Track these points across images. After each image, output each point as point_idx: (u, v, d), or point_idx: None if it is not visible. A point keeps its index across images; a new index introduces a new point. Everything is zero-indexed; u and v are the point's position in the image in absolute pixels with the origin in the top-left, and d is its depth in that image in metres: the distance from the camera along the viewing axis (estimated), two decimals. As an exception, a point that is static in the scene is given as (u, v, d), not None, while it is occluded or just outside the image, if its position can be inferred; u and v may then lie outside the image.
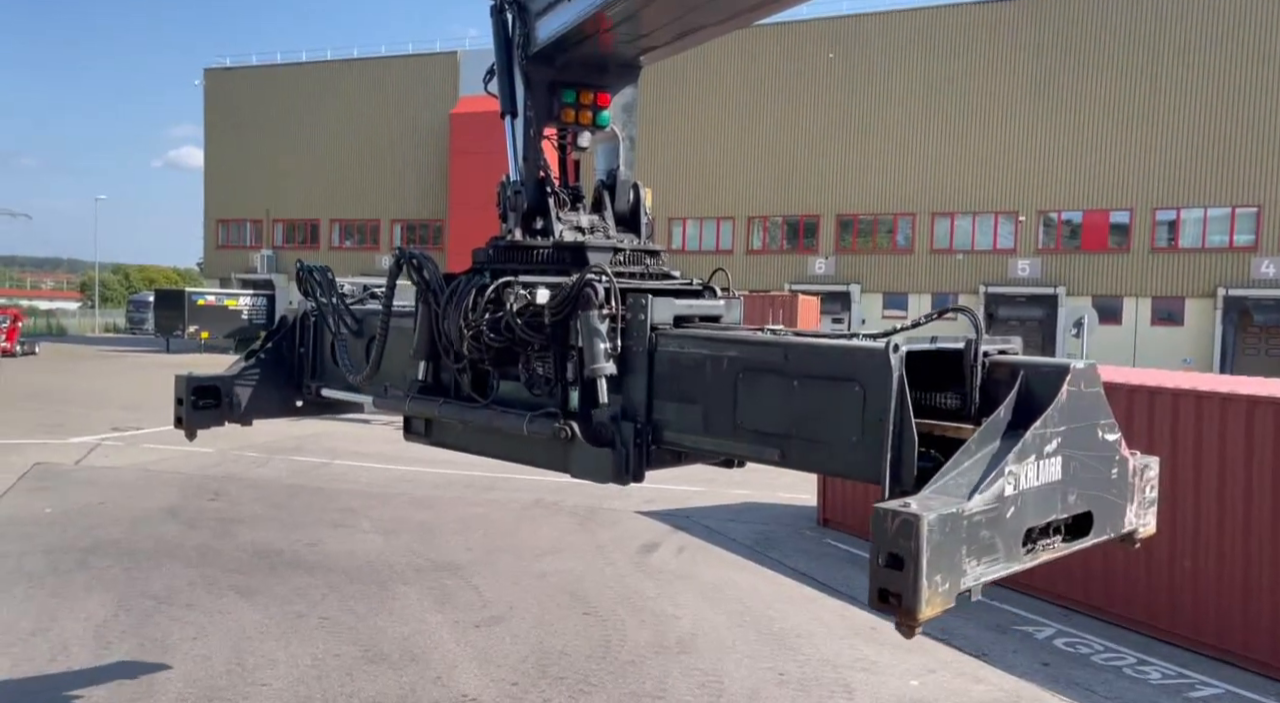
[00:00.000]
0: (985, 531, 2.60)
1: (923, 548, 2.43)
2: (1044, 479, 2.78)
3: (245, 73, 56.41)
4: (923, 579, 2.46)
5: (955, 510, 2.52)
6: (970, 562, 2.58)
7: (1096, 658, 9.28)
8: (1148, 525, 3.24)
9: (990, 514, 2.61)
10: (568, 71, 4.32)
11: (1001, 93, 38.95)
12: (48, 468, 16.90)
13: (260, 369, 5.44)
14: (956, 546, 2.53)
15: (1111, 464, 3.02)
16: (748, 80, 43.29)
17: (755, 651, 9.04)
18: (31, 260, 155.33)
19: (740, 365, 3.35)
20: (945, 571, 2.51)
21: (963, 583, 2.58)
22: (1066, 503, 2.87)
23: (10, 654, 8.28)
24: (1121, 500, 3.08)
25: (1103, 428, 2.99)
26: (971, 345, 3.07)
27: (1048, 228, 39.63)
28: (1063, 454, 2.81)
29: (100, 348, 53.81)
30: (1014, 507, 2.68)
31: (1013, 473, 2.66)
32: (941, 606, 2.53)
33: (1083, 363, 2.94)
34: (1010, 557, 2.70)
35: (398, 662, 8.46)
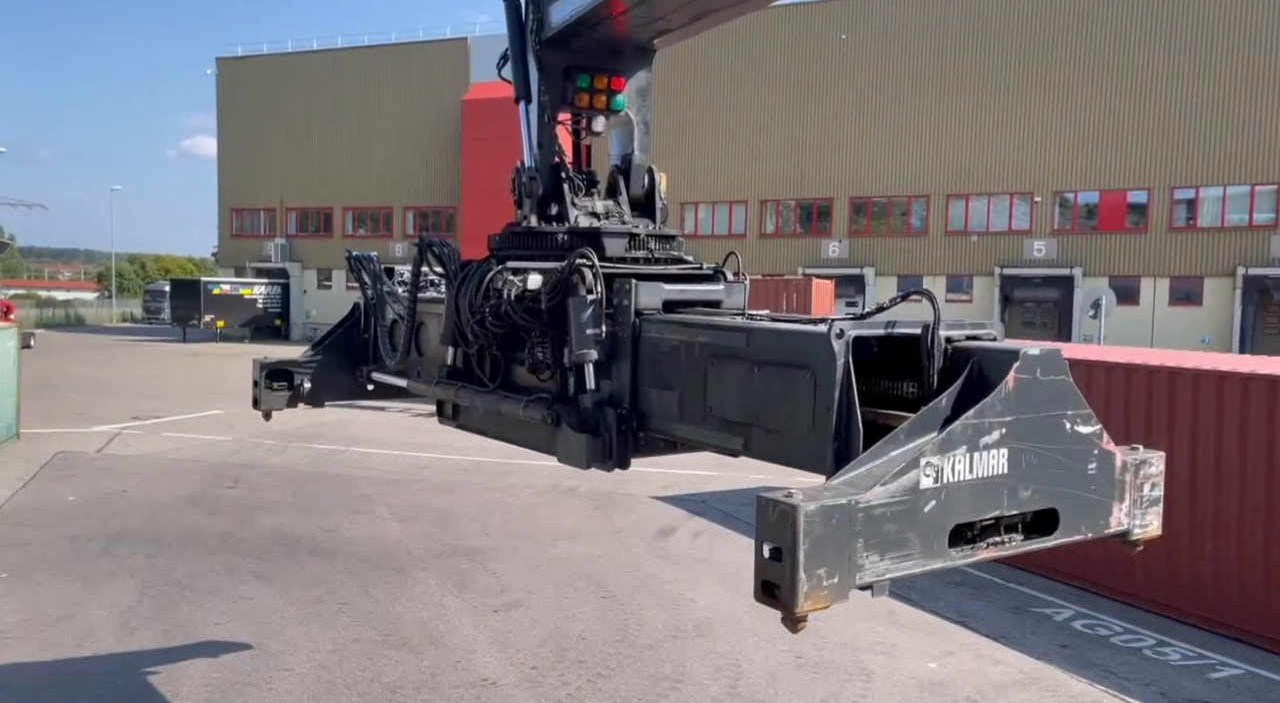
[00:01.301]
0: (891, 524, 2.46)
1: (800, 541, 2.33)
2: (981, 473, 2.60)
3: (257, 61, 56.45)
4: (800, 572, 2.36)
5: (845, 502, 2.39)
6: (870, 556, 2.45)
7: (1115, 640, 9.26)
8: (1148, 526, 3.05)
9: (899, 507, 2.47)
10: (581, 56, 4.30)
11: (1016, 72, 38.53)
12: (70, 456, 17.09)
13: (330, 354, 5.60)
14: (849, 539, 2.40)
15: (1087, 459, 2.83)
16: (760, 63, 42.99)
17: (773, 634, 9.07)
18: (49, 251, 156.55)
19: (710, 352, 3.29)
20: (832, 564, 2.39)
21: (860, 578, 2.46)
22: (1018, 499, 2.70)
23: (37, 640, 8.41)
24: (1105, 498, 2.90)
25: (1072, 419, 2.79)
26: (928, 330, 2.90)
27: (1063, 208, 39.27)
28: (1010, 447, 2.64)
29: (118, 337, 54.24)
30: (935, 501, 2.53)
31: (933, 465, 2.51)
32: (829, 600, 2.43)
33: (1038, 349, 2.75)
34: (931, 553, 2.54)
35: (418, 646, 8.54)
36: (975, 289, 40.34)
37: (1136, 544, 3.11)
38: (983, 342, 2.89)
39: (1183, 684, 8.24)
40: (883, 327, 3.01)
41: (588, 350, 3.58)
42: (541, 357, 3.93)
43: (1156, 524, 3.10)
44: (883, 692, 7.84)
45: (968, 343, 2.88)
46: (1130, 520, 3.01)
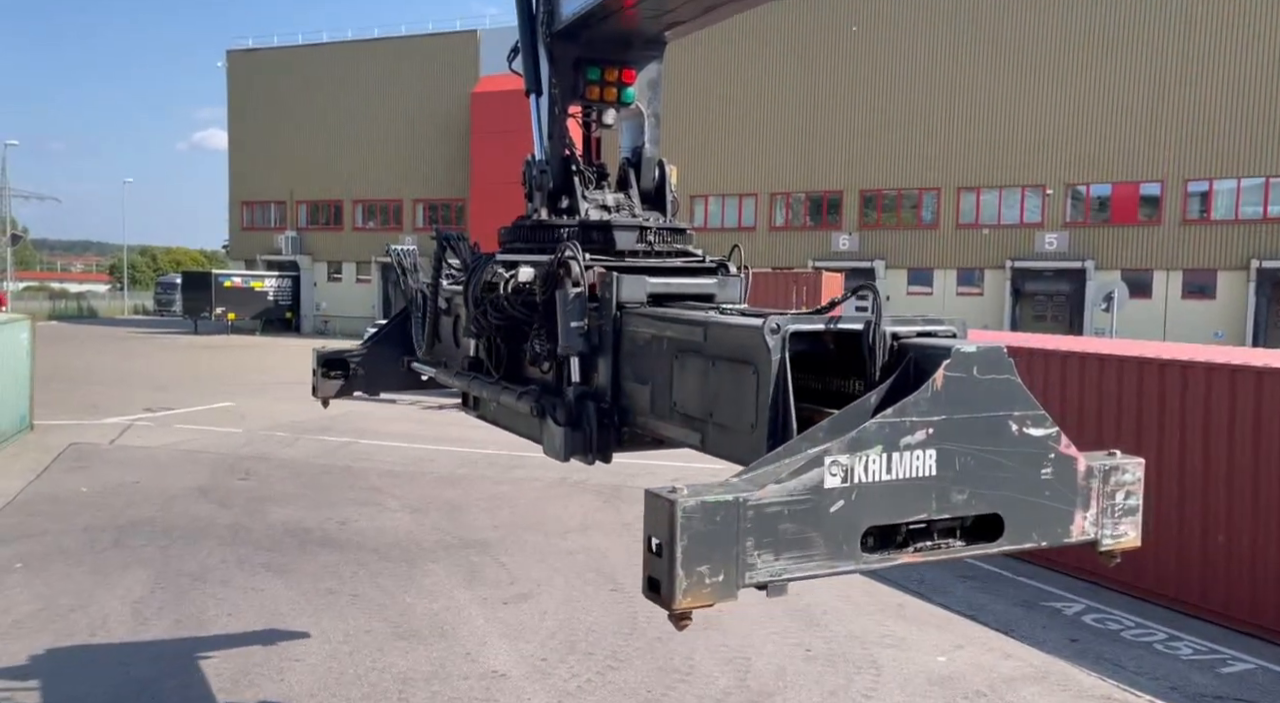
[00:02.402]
0: (789, 524, 2.38)
1: (677, 536, 2.28)
2: (902, 474, 2.50)
3: (267, 54, 56.54)
4: (678, 568, 2.30)
5: (731, 498, 2.32)
6: (763, 555, 2.37)
7: (1126, 634, 9.23)
8: (1123, 536, 2.87)
9: (798, 507, 2.39)
10: (592, 48, 4.29)
11: (1029, 64, 38.27)
12: (83, 448, 17.20)
13: (384, 345, 5.69)
14: (737, 536, 2.33)
15: (1038, 463, 2.68)
16: (770, 55, 42.82)
17: (782, 627, 9.08)
18: (61, 243, 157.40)
19: (676, 346, 3.27)
20: (716, 561, 2.33)
21: (751, 577, 2.39)
22: (950, 502, 2.57)
23: (51, 630, 8.48)
24: (1064, 505, 2.74)
25: (1019, 421, 2.64)
26: (870, 326, 2.80)
27: (1076, 201, 39.02)
28: (938, 448, 2.52)
29: (130, 330, 54.53)
30: (843, 501, 2.44)
31: (840, 464, 2.42)
32: (712, 598, 2.36)
33: (975, 346, 2.61)
34: (839, 555, 2.46)
35: (428, 637, 8.57)
36: (986, 282, 40.17)
37: (1112, 556, 2.92)
38: (928, 339, 2.77)
39: (1194, 679, 8.21)
40: (823, 322, 2.91)
41: (569, 343, 3.59)
42: (539, 349, 3.95)
43: (1133, 535, 2.89)
44: (892, 685, 7.84)
45: (912, 341, 2.75)
46: (1098, 530, 2.82)
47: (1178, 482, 9.83)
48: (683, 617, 2.46)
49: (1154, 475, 10.01)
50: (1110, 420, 10.49)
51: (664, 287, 3.73)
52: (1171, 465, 9.87)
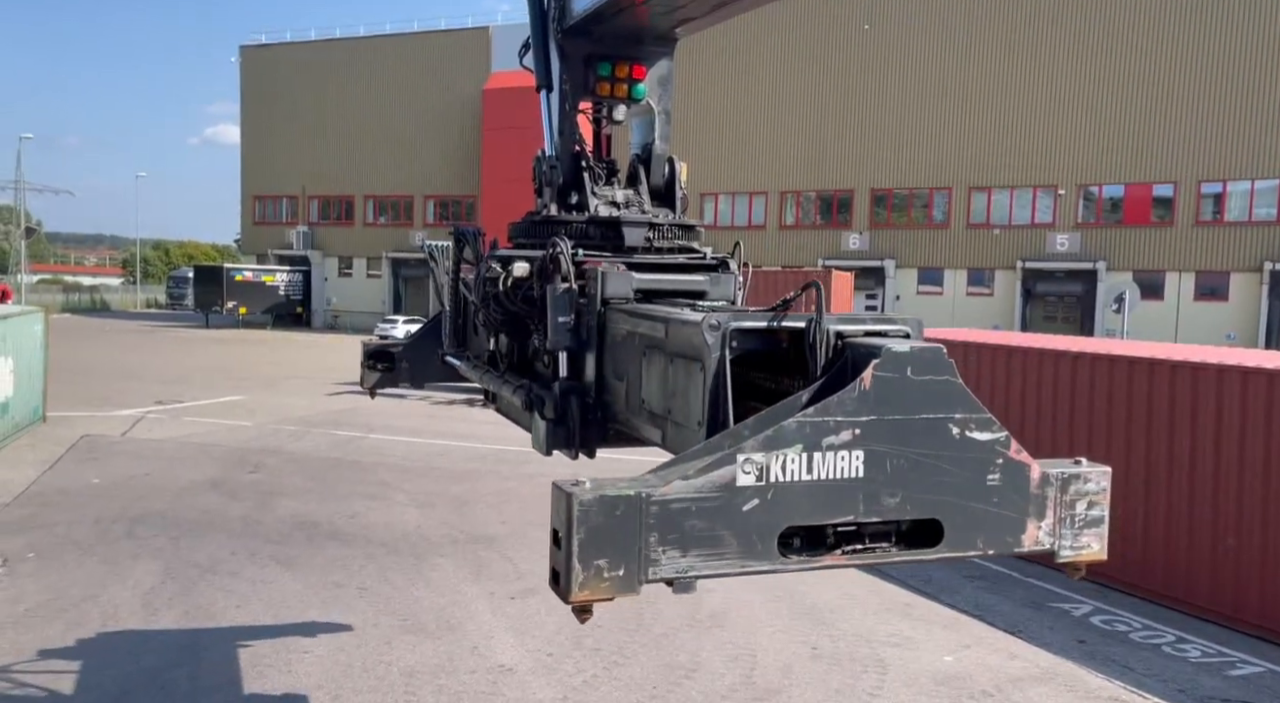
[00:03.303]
0: (697, 521, 2.34)
1: (574, 529, 2.27)
2: (825, 475, 2.42)
3: (280, 49, 56.74)
4: (574, 561, 2.29)
5: (632, 494, 2.30)
6: (668, 552, 2.35)
7: (1134, 636, 9.21)
8: (1085, 548, 2.75)
9: (707, 504, 2.34)
10: (603, 44, 4.30)
11: (1041, 64, 38.09)
12: (95, 440, 17.32)
13: (428, 338, 5.76)
14: (639, 531, 2.31)
15: (984, 468, 2.58)
16: (782, 52, 42.73)
17: (788, 626, 9.08)
18: (75, 237, 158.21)
19: (645, 342, 3.25)
20: (616, 556, 2.30)
21: (656, 573, 2.36)
22: (880, 505, 2.49)
23: (63, 619, 8.55)
24: (1014, 513, 2.64)
25: (961, 424, 2.55)
26: (812, 323, 2.73)
27: (1088, 202, 38.84)
28: (866, 449, 2.45)
29: (142, 323, 54.83)
30: (757, 500, 2.38)
31: (754, 463, 2.36)
32: (611, 592, 2.34)
33: (909, 346, 2.54)
34: (752, 555, 2.40)
35: (435, 631, 8.61)
36: (997, 283, 40.03)
37: (1077, 569, 2.81)
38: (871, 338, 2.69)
39: (1202, 681, 8.18)
40: (765, 320, 2.84)
41: (559, 338, 3.60)
42: (539, 344, 3.98)
43: (1097, 547, 2.77)
44: (898, 684, 7.83)
45: (860, 340, 2.67)
46: (1055, 540, 2.70)
47: (1188, 483, 9.79)
48: (582, 610, 2.45)
49: (1164, 477, 9.98)
50: (1120, 422, 10.45)
51: (653, 283, 3.72)
52: (1182, 467, 9.83)
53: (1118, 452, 10.48)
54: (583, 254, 3.82)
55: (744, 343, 2.82)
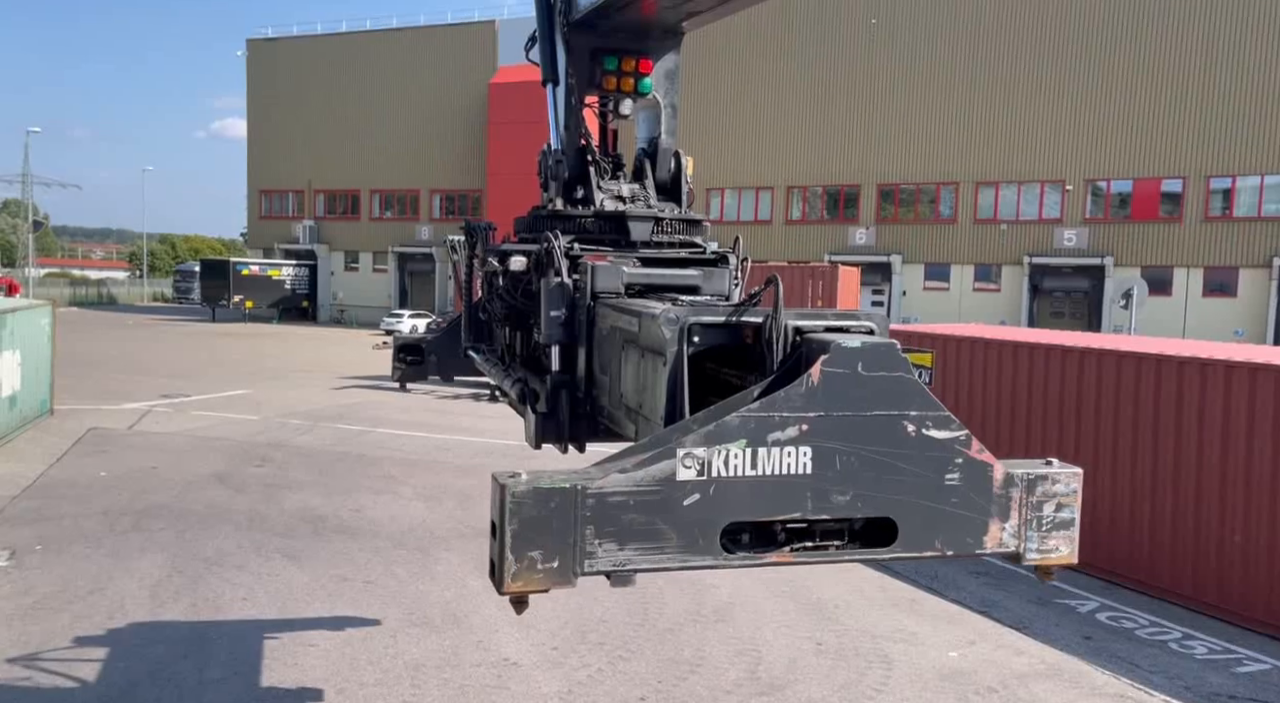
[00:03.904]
0: (635, 514, 2.33)
1: (507, 520, 2.29)
2: (770, 471, 2.39)
3: (286, 43, 56.75)
4: (507, 552, 2.32)
5: (567, 486, 2.30)
6: (605, 544, 2.34)
7: (1140, 632, 9.19)
8: (1053, 551, 2.69)
9: (646, 498, 2.33)
10: (610, 38, 4.29)
11: (1049, 58, 37.91)
12: (102, 433, 17.38)
13: (455, 333, 5.84)
14: (575, 524, 2.31)
15: (941, 467, 2.53)
16: (789, 47, 42.60)
17: (793, 620, 9.08)
18: (82, 230, 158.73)
19: (623, 336, 3.27)
20: (550, 547, 2.31)
21: (592, 565, 2.36)
22: (830, 503, 2.45)
23: (70, 611, 8.58)
24: (975, 513, 2.58)
25: (917, 421, 2.50)
26: (768, 319, 2.71)
27: (1096, 197, 38.68)
28: (815, 445, 2.42)
29: (149, 317, 54.98)
30: (698, 495, 2.36)
31: (695, 457, 2.34)
32: (545, 583, 2.36)
33: (860, 341, 2.48)
34: (693, 549, 2.38)
35: (440, 625, 8.63)
36: (1004, 278, 39.90)
37: (1047, 572, 2.76)
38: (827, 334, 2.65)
39: (1208, 679, 8.16)
40: (723, 315, 2.83)
41: (550, 333, 3.63)
42: (538, 337, 4.00)
43: (1066, 550, 2.71)
44: (903, 680, 7.83)
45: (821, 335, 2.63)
46: (1020, 542, 2.65)
47: (1195, 480, 9.75)
48: (518, 601, 2.47)
49: (1171, 473, 9.95)
50: (1127, 418, 10.42)
51: (644, 277, 3.71)
52: (1189, 464, 9.79)
53: (1124, 448, 10.45)
54: (579, 248, 3.81)
55: (706, 338, 2.80)
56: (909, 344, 13.74)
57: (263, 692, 7.19)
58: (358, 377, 27.69)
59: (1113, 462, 10.56)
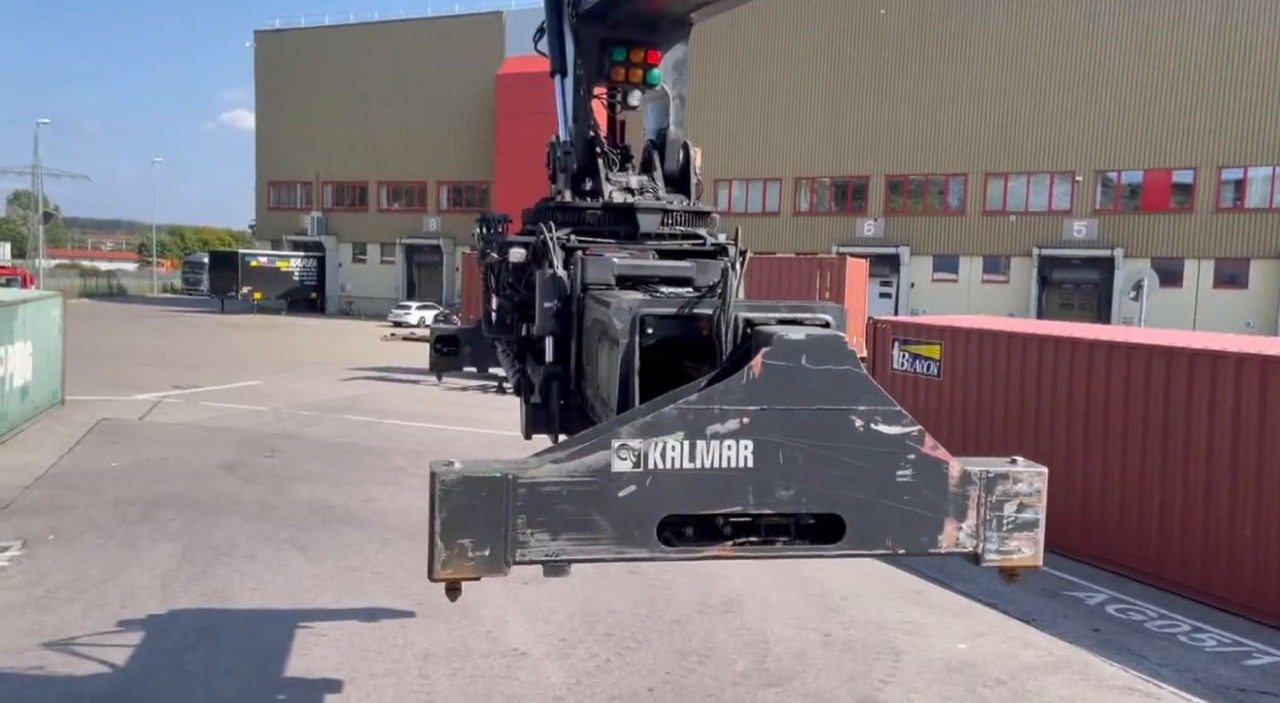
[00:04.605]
0: (568, 505, 2.33)
1: (436, 508, 2.32)
2: (709, 464, 2.36)
3: (294, 35, 56.74)
4: (437, 539, 2.34)
5: (498, 475, 2.31)
6: (538, 534, 2.34)
7: (1149, 625, 9.17)
8: (1014, 553, 2.61)
9: (579, 488, 2.32)
10: (619, 29, 4.27)
11: (1058, 48, 37.66)
12: (113, 423, 17.47)
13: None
14: (505, 513, 2.32)
15: (892, 463, 2.47)
16: (797, 37, 42.42)
17: (801, 612, 9.09)
18: (92, 222, 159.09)
19: (600, 329, 3.29)
20: (481, 536, 2.32)
21: (524, 555, 2.36)
22: (772, 498, 2.41)
23: (83, 600, 8.65)
24: (929, 512, 2.52)
25: (865, 416, 2.44)
26: (717, 311, 2.68)
27: (1106, 188, 38.47)
28: (756, 439, 2.38)
29: (158, 308, 55.19)
30: (634, 486, 2.34)
31: (630, 449, 2.32)
32: (476, 572, 2.35)
33: (804, 333, 2.43)
34: (629, 541, 2.37)
35: (449, 616, 8.66)
36: (1013, 270, 39.75)
37: (1011, 575, 2.68)
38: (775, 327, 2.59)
39: (1217, 671, 8.15)
40: (675, 307, 2.82)
41: (544, 324, 3.64)
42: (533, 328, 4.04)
43: (1029, 552, 2.61)
44: (911, 671, 7.84)
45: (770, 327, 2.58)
46: (979, 543, 2.58)
47: (1205, 473, 9.72)
48: (450, 588, 2.48)
49: (1181, 466, 9.91)
50: (1136, 411, 10.38)
51: (634, 268, 3.69)
52: (1199, 456, 9.76)
53: (1134, 441, 10.41)
54: (576, 240, 3.82)
55: (661, 329, 2.78)
56: (917, 337, 13.71)
57: (273, 681, 7.23)
58: (366, 368, 27.77)
59: (1122, 454, 10.52)
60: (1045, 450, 11.41)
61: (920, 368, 13.44)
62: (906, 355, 13.70)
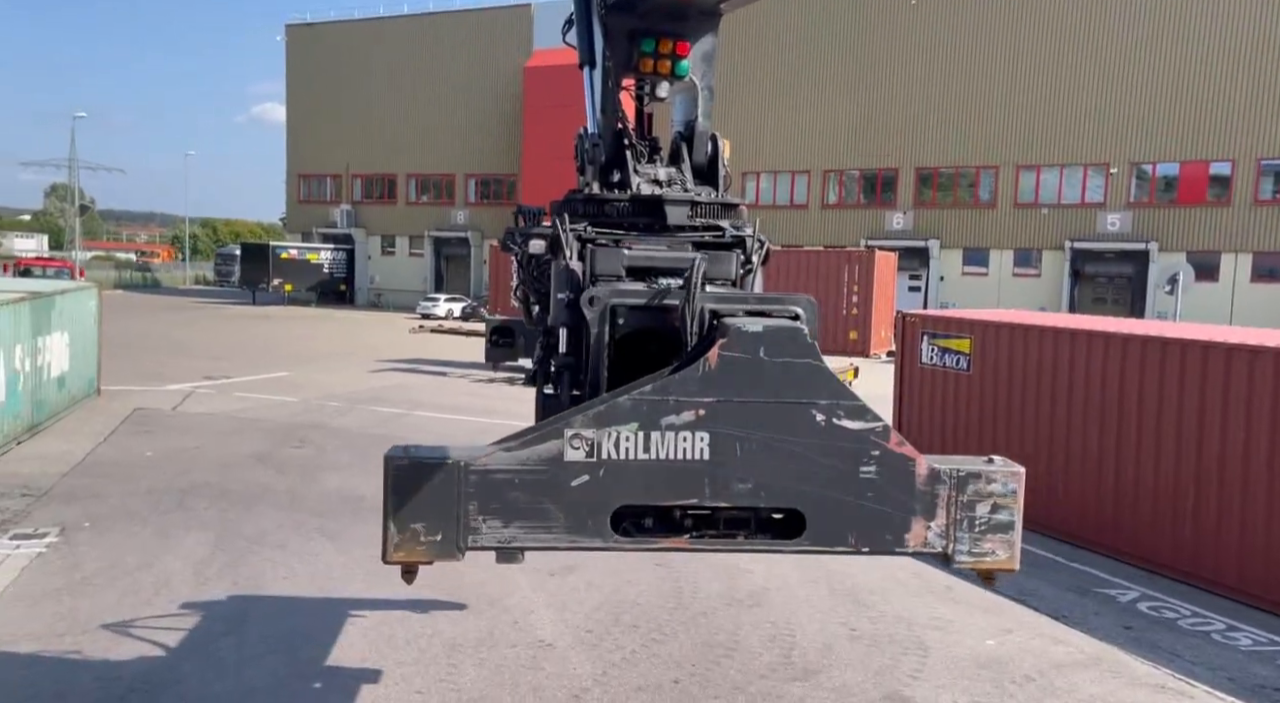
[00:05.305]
0: (520, 493, 2.35)
1: (388, 492, 2.40)
2: (664, 455, 2.34)
3: (324, 28, 57.15)
4: (389, 522, 2.43)
5: (449, 461, 2.33)
6: (489, 521, 2.37)
7: (1183, 623, 9.04)
8: (987, 555, 2.53)
9: (530, 476, 2.34)
10: (648, 20, 4.25)
11: (1092, 37, 37.06)
12: (147, 413, 17.75)
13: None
14: (457, 498, 2.34)
15: (855, 459, 2.42)
16: (825, 28, 42.09)
17: (827, 606, 9.06)
18: (126, 214, 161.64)
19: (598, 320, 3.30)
20: (433, 521, 2.36)
21: (476, 540, 2.39)
22: (730, 491, 2.38)
23: (117, 587, 8.80)
24: (895, 510, 2.46)
25: (827, 411, 2.39)
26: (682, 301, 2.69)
27: (1141, 180, 37.86)
28: (712, 431, 2.35)
29: (191, 299, 55.95)
30: (587, 476, 2.34)
31: (583, 439, 2.33)
32: (428, 556, 2.41)
33: (762, 325, 2.40)
34: (581, 531, 2.37)
35: (476, 606, 8.72)
36: (1044, 263, 39.27)
37: (989, 577, 2.62)
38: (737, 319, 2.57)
39: (1253, 670, 8.02)
40: (644, 296, 2.84)
41: (557, 315, 3.65)
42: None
43: (1004, 555, 2.53)
44: (940, 667, 7.78)
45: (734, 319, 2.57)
46: (949, 544, 2.52)
47: (1242, 470, 9.55)
48: (406, 571, 2.55)
49: (1216, 464, 9.74)
50: (1171, 407, 10.22)
51: (645, 260, 3.66)
52: (1235, 454, 9.59)
53: (1168, 437, 10.26)
54: (593, 232, 3.82)
55: (632, 319, 2.79)
56: (947, 330, 13.58)
57: (302, 669, 7.33)
58: (395, 360, 27.98)
59: (1156, 451, 10.37)
60: (1078, 446, 11.27)
61: (950, 362, 13.32)
62: (936, 349, 13.58)
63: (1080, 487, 11.25)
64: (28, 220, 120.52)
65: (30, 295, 15.36)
